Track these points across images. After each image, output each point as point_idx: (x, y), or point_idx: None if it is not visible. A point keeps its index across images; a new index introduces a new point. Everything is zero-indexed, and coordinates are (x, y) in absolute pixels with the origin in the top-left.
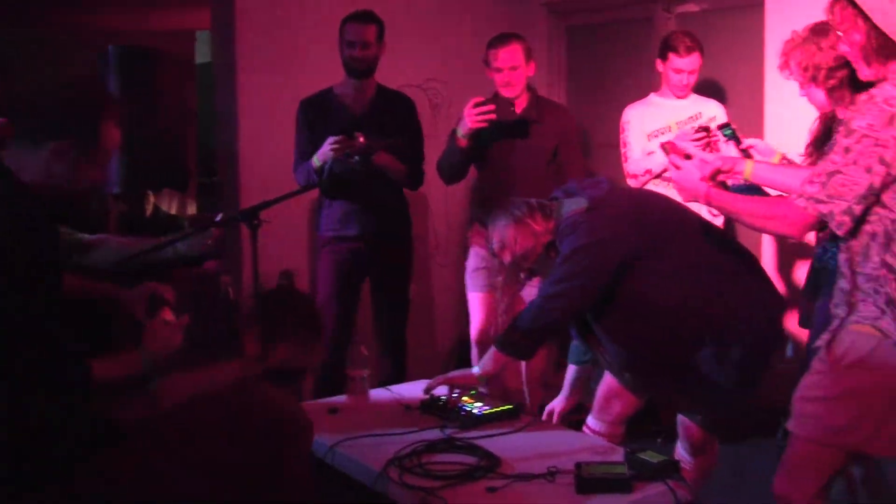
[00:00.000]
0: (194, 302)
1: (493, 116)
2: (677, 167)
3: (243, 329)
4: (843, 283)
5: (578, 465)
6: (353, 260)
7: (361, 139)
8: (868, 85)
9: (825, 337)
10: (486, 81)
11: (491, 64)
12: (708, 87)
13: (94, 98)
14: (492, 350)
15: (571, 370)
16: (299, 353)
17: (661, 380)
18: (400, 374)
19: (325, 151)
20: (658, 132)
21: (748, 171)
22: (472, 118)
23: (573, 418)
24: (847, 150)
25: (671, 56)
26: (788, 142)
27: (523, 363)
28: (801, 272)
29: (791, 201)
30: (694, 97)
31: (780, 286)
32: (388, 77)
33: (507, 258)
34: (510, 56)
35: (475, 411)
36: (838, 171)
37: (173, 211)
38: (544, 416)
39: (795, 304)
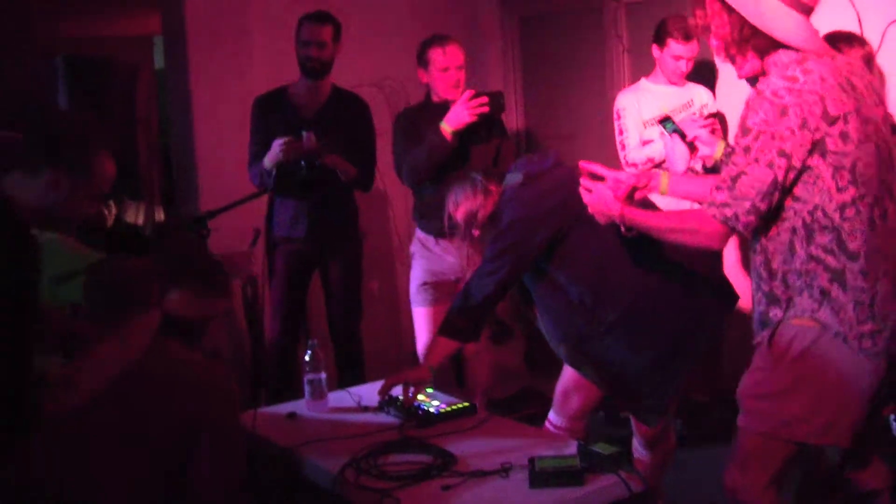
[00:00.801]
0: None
1: (486, 109)
2: (588, 190)
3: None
4: (764, 286)
5: (532, 460)
6: (302, 260)
7: (311, 138)
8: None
9: (764, 334)
10: None
11: (435, 64)
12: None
13: (82, 132)
14: (436, 339)
15: None
16: (194, 303)
17: (590, 356)
18: (357, 375)
19: (275, 153)
20: (654, 120)
21: (663, 185)
22: (471, 110)
23: (527, 412)
24: (747, 149)
25: (670, 42)
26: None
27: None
28: None
29: (702, 211)
30: (686, 84)
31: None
32: (345, 76)
33: (460, 217)
34: (456, 54)
35: (432, 410)
36: (742, 173)
37: (139, 221)
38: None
39: None
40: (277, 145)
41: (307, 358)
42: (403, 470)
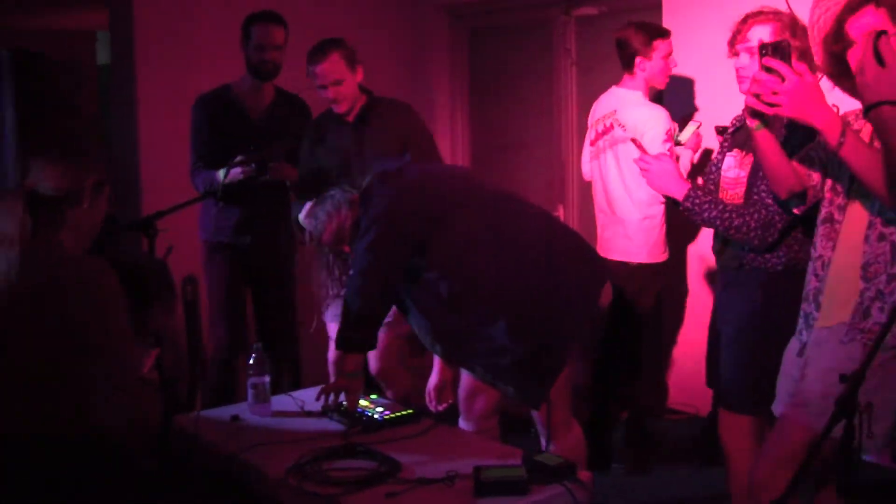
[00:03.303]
0: None
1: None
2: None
3: None
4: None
5: (477, 469)
6: (241, 265)
7: (276, 169)
8: None
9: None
10: (391, 82)
11: (314, 82)
12: (604, 89)
13: None
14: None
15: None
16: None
17: (465, 351)
18: (295, 378)
19: (235, 174)
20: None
21: None
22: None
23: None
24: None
25: (661, 42)
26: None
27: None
28: None
29: None
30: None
31: None
32: (292, 79)
33: (326, 240)
34: (330, 70)
35: (376, 416)
36: None
37: None
38: (427, 401)
39: None
40: (238, 168)
41: (251, 361)
42: (348, 476)
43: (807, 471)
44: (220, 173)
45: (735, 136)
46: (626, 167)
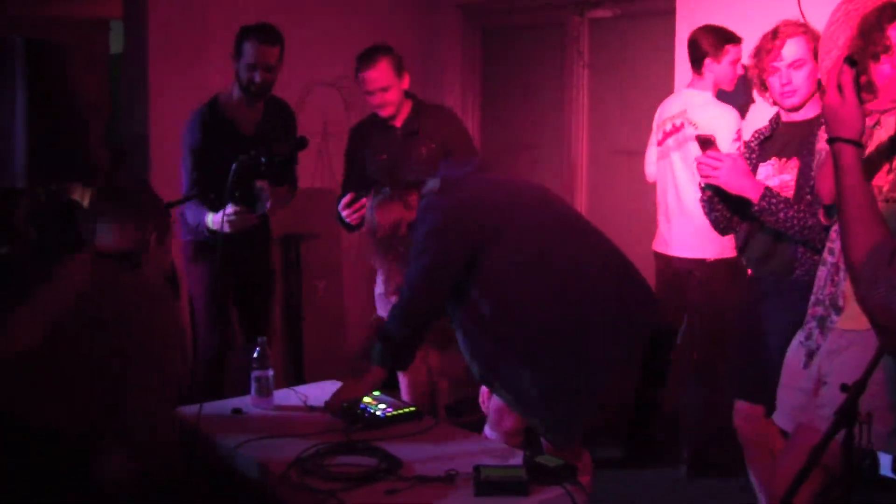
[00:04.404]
0: None
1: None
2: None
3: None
4: None
5: (477, 468)
6: (224, 261)
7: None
8: None
9: None
10: None
11: (361, 87)
12: (616, 92)
13: None
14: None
15: None
16: (125, 236)
17: (498, 376)
18: (298, 373)
19: (221, 224)
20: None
21: None
22: (351, 218)
23: (469, 419)
24: None
25: (732, 47)
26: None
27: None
28: None
29: None
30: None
31: None
32: (300, 75)
33: (380, 233)
34: (379, 77)
35: (378, 413)
36: None
37: (85, 203)
38: (481, 400)
39: None
40: (227, 218)
41: (255, 355)
42: (348, 472)
43: (808, 474)
44: (209, 219)
45: (766, 145)
46: None
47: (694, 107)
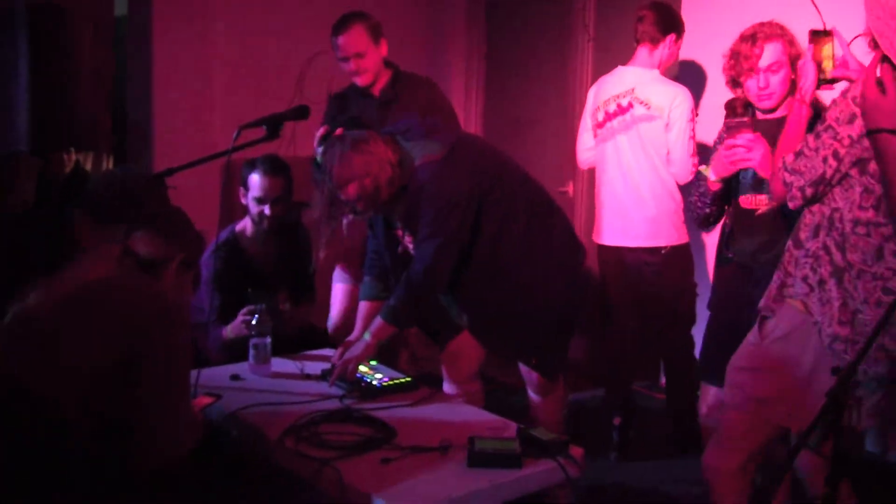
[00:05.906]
0: None
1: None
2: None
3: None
4: (784, 259)
5: (471, 440)
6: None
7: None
8: None
9: (762, 303)
10: (407, 53)
11: (336, 54)
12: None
13: None
14: (379, 321)
15: (363, 307)
16: (155, 246)
17: (493, 323)
18: None
19: (237, 327)
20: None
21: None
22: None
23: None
24: (817, 135)
25: (676, 35)
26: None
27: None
28: None
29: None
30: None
31: None
32: (306, 46)
33: (351, 193)
34: (353, 42)
35: (375, 383)
36: (803, 152)
37: (88, 167)
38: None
39: None
40: (241, 319)
41: (253, 322)
42: (343, 440)
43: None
44: (228, 331)
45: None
46: (652, 147)
47: (644, 84)
